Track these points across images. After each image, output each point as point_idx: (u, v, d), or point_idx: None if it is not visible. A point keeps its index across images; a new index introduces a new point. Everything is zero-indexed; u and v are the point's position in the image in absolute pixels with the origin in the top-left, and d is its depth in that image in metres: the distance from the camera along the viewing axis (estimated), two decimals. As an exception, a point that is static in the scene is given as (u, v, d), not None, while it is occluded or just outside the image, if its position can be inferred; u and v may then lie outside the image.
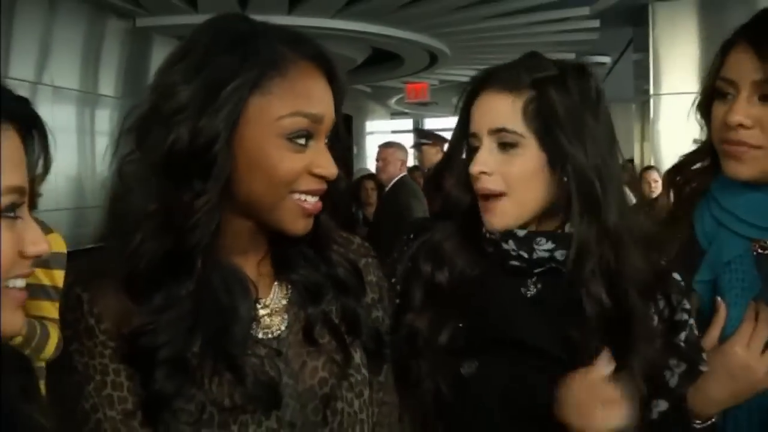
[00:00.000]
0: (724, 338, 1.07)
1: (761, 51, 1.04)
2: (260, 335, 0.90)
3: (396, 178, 4.74)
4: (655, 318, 1.01)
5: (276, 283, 0.94)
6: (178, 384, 0.82)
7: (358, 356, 0.96)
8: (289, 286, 0.95)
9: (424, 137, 5.72)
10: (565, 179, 0.99)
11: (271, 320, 0.92)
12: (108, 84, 5.65)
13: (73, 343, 0.85)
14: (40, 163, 0.71)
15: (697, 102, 1.18)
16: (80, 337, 0.84)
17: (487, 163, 1.00)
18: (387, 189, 4.82)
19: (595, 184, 0.98)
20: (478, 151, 1.02)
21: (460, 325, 1.03)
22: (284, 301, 0.94)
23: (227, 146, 0.82)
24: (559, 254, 1.01)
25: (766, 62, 1.03)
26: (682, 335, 1.02)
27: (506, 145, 1.00)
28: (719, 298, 1.08)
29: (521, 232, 1.02)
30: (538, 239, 1.01)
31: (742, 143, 1.07)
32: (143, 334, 0.82)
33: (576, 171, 0.98)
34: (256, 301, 0.91)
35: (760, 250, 1.11)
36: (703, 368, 1.02)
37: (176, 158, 0.82)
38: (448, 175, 1.08)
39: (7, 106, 0.67)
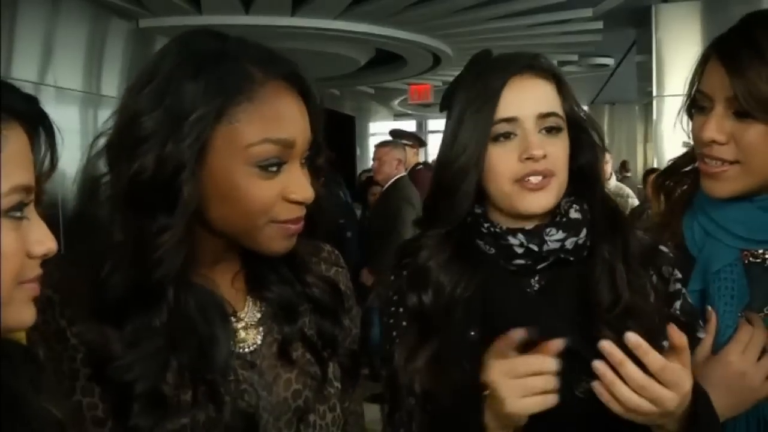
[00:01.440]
0: (716, 348, 1.06)
1: (730, 67, 1.04)
2: (236, 349, 0.88)
3: (392, 179, 4.58)
4: (652, 293, 1.01)
5: (249, 298, 0.93)
6: (154, 419, 0.80)
7: (331, 369, 0.95)
8: (263, 303, 0.93)
9: (400, 137, 5.49)
10: (577, 165, 1.04)
11: (246, 334, 0.90)
12: (111, 85, 5.66)
13: (41, 347, 0.82)
14: (47, 161, 0.70)
15: (684, 107, 1.18)
16: (49, 340, 0.82)
17: (542, 145, 0.99)
18: (383, 190, 4.66)
19: (600, 166, 1.06)
20: (528, 136, 0.99)
21: (472, 333, 1.01)
22: (258, 315, 0.92)
23: (194, 177, 0.80)
24: (569, 243, 1.01)
25: (735, 79, 1.02)
26: (677, 304, 1.02)
27: (553, 129, 1.01)
28: (710, 308, 1.07)
29: (529, 225, 1.01)
30: (548, 230, 1.00)
31: (718, 158, 1.07)
32: (115, 368, 0.79)
33: (594, 153, 1.05)
34: (232, 314, 0.89)
35: (752, 258, 1.11)
36: (701, 335, 1.02)
37: (140, 189, 0.79)
38: (472, 172, 1.02)
39: (15, 104, 0.66)
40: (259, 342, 0.90)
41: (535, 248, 1.00)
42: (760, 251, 1.11)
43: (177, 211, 0.79)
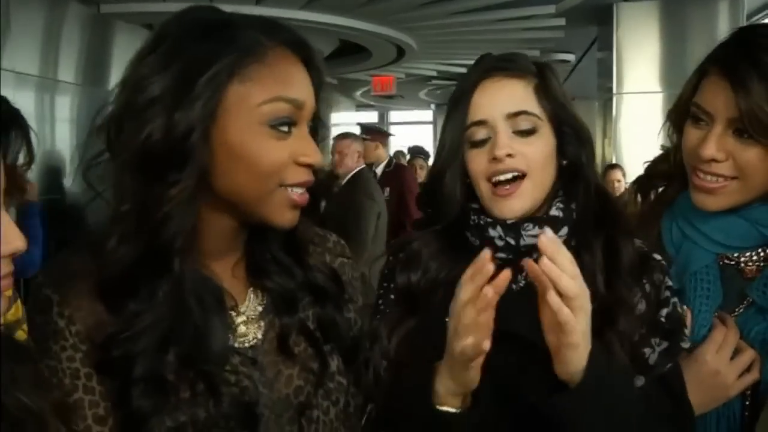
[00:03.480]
0: (692, 347, 1.08)
1: (736, 87, 1.03)
2: (236, 344, 0.88)
3: (353, 172, 4.48)
4: (643, 302, 1.01)
5: (251, 289, 0.92)
6: (154, 402, 0.79)
7: (334, 363, 0.93)
8: (264, 294, 0.92)
9: (366, 132, 5.48)
10: (564, 162, 1.04)
11: (246, 328, 0.89)
12: (68, 70, 5.51)
13: (40, 346, 0.81)
14: (22, 156, 0.69)
15: (669, 116, 1.19)
16: (47, 340, 0.81)
17: (510, 145, 1.00)
18: (342, 183, 4.51)
19: (593, 166, 1.04)
20: (496, 137, 1.00)
21: (447, 320, 1.00)
22: (260, 308, 0.91)
23: (205, 138, 0.79)
24: None
25: (741, 98, 1.02)
26: (664, 311, 1.02)
27: (524, 129, 1.01)
28: (685, 307, 1.09)
29: (509, 220, 1.02)
30: (526, 225, 1.01)
31: (716, 174, 1.07)
32: (117, 344, 0.79)
33: (588, 144, 1.04)
34: (232, 308, 0.88)
35: (726, 261, 1.14)
36: (684, 345, 1.02)
37: (151, 153, 0.78)
38: (448, 175, 1.04)
39: None
40: (259, 337, 0.89)
41: (512, 242, 1.01)
42: (735, 255, 1.14)
43: (188, 167, 0.79)
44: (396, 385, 0.98)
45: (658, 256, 1.06)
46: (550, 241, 0.85)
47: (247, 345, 0.88)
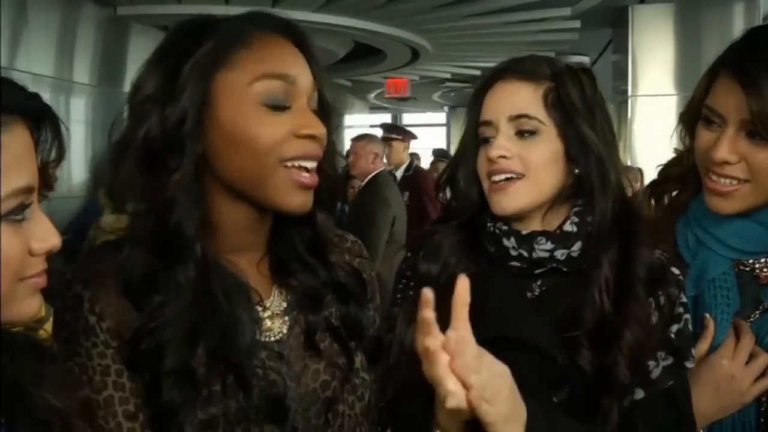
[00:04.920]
0: (710, 353, 1.09)
1: (747, 88, 1.02)
2: (262, 338, 0.89)
3: (370, 175, 4.34)
4: (656, 314, 1.00)
5: (275, 286, 0.93)
6: (185, 394, 0.80)
7: (359, 360, 0.95)
8: (288, 291, 0.93)
9: (392, 132, 5.32)
10: (576, 171, 1.03)
11: (272, 323, 0.91)
12: (83, 72, 5.55)
13: (69, 344, 0.82)
14: (53, 152, 0.71)
15: (681, 118, 1.18)
16: (77, 337, 0.82)
17: (506, 147, 1.01)
18: (361, 186, 4.40)
19: (612, 174, 1.02)
20: (496, 137, 1.02)
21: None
22: (284, 304, 0.93)
23: (199, 125, 0.82)
24: (559, 254, 1.01)
25: (753, 100, 1.01)
26: (674, 327, 1.01)
27: (525, 132, 1.02)
28: (707, 315, 1.09)
29: (524, 231, 1.02)
30: (539, 239, 1.01)
31: (730, 177, 1.06)
32: (145, 335, 0.80)
33: (596, 159, 1.01)
34: (258, 303, 0.90)
35: (741, 267, 1.13)
36: (689, 365, 1.01)
37: (151, 147, 0.82)
38: (462, 171, 1.07)
39: (17, 102, 0.67)
40: (285, 331, 0.91)
41: (525, 254, 1.02)
42: (750, 261, 1.13)
43: (186, 153, 0.81)
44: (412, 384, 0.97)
45: (676, 270, 1.04)
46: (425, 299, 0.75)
47: (272, 339, 0.90)
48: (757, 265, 1.13)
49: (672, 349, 1.00)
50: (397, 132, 5.31)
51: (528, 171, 1.01)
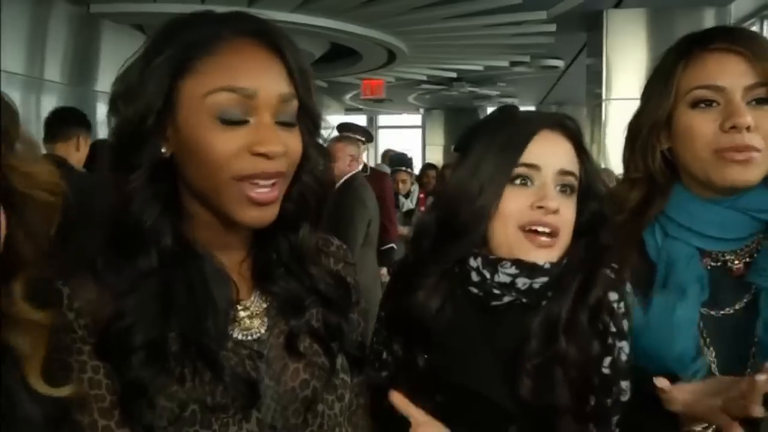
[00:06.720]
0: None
1: (750, 54, 1.05)
2: (240, 336, 0.88)
3: (345, 177, 4.32)
4: (597, 345, 1.01)
5: (256, 291, 0.93)
6: (154, 371, 0.80)
7: (339, 361, 0.95)
8: (269, 296, 0.93)
9: (351, 131, 5.11)
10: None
11: (251, 322, 0.90)
12: (55, 69, 5.48)
13: (53, 339, 0.81)
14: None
15: (648, 129, 1.15)
16: (58, 332, 0.81)
17: (556, 201, 1.02)
18: (337, 187, 4.34)
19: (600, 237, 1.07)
20: (546, 187, 1.02)
21: (426, 356, 1.04)
22: (265, 305, 0.92)
23: (160, 130, 0.83)
24: (521, 282, 1.01)
25: (757, 63, 1.04)
26: (606, 360, 1.01)
27: (568, 188, 1.05)
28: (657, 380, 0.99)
29: (493, 256, 1.03)
30: (504, 262, 1.02)
31: (750, 147, 1.05)
32: (113, 320, 0.81)
33: (596, 222, 1.07)
34: (237, 302, 0.90)
35: (712, 263, 1.13)
36: (623, 398, 1.00)
37: (119, 148, 0.84)
38: (470, 200, 1.04)
39: None
40: (263, 331, 0.90)
41: (488, 275, 1.01)
42: (719, 254, 1.13)
43: (144, 153, 0.83)
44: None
45: (614, 295, 1.04)
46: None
47: (252, 338, 0.89)
48: (728, 257, 1.12)
49: (602, 386, 1.00)
50: (357, 132, 5.30)
51: (563, 228, 1.03)
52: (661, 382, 0.96)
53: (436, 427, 0.96)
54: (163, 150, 0.84)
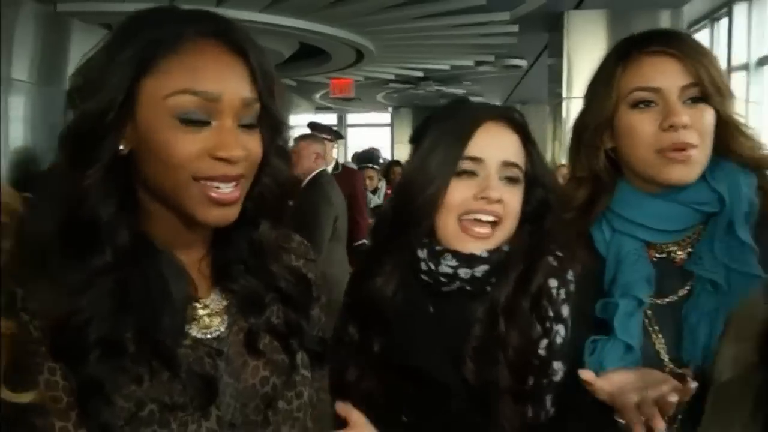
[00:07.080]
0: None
1: (684, 56, 1.10)
2: (199, 335, 0.87)
3: (312, 174, 4.35)
4: (537, 327, 1.05)
5: (216, 289, 0.92)
6: (110, 368, 0.78)
7: (299, 357, 0.94)
8: (229, 294, 0.92)
9: (319, 131, 5.19)
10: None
11: (210, 320, 0.89)
12: (22, 69, 5.40)
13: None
14: None
15: (587, 138, 1.19)
16: (17, 335, 0.78)
17: (499, 191, 1.06)
18: (303, 185, 4.32)
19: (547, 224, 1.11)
20: (489, 179, 1.06)
21: (381, 339, 1.09)
22: (225, 303, 0.91)
23: (119, 126, 0.81)
24: (462, 272, 1.06)
25: (690, 65, 1.10)
26: (543, 342, 1.05)
27: (512, 179, 1.08)
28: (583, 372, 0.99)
29: (439, 247, 1.08)
30: (446, 255, 1.06)
31: (688, 145, 1.09)
32: (68, 317, 0.79)
33: (543, 211, 1.11)
34: (196, 300, 0.89)
35: (657, 255, 1.16)
36: (555, 378, 1.04)
37: (76, 144, 0.82)
38: (419, 190, 1.08)
39: None
40: (222, 329, 0.89)
41: (432, 266, 1.07)
42: (663, 246, 1.17)
43: (101, 149, 0.81)
44: None
45: (554, 282, 1.08)
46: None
47: (211, 336, 0.88)
48: (671, 248, 1.16)
49: (534, 367, 1.04)
50: (324, 131, 5.39)
51: (507, 217, 1.07)
52: (585, 374, 0.96)
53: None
54: (121, 147, 0.82)
